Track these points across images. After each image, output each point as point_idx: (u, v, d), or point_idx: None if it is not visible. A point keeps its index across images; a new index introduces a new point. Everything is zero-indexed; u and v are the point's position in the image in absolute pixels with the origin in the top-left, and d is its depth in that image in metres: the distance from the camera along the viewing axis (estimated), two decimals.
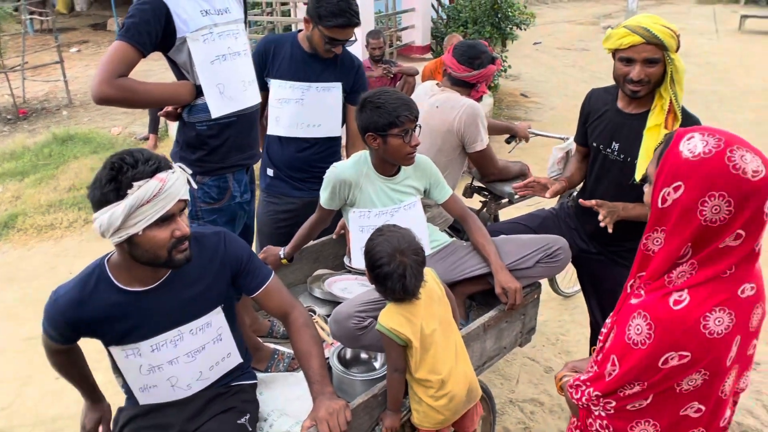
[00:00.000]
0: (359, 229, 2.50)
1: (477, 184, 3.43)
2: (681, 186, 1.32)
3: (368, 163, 2.45)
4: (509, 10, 8.18)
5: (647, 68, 2.33)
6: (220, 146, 2.18)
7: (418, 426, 2.10)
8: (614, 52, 2.42)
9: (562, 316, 4.19)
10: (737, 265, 1.35)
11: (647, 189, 1.46)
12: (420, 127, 2.36)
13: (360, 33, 6.84)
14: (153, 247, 1.69)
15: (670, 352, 1.35)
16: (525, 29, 8.93)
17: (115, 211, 1.60)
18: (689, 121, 2.40)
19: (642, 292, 1.46)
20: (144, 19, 1.97)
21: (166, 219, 1.68)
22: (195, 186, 1.85)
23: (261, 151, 2.97)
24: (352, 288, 2.87)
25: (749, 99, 10.42)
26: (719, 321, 1.33)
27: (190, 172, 1.78)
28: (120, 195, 1.60)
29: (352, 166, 2.44)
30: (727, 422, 1.54)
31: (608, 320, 1.63)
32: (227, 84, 2.14)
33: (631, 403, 1.47)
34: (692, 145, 1.32)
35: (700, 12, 22.56)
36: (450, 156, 2.93)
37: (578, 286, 4.33)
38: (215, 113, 2.12)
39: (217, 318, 1.96)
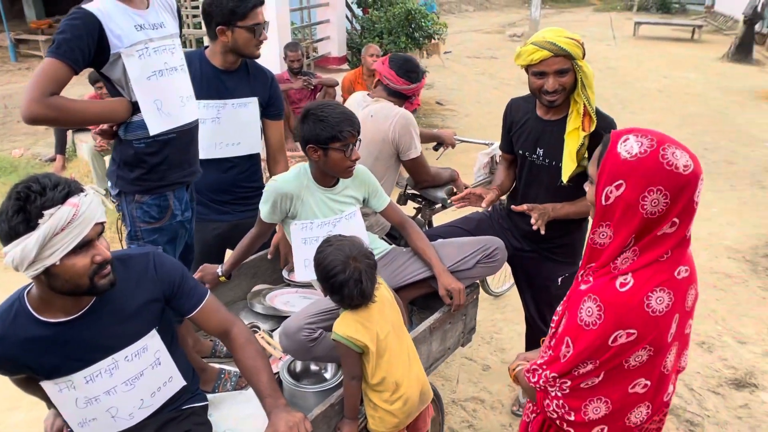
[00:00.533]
0: (302, 241, 2.50)
1: (410, 191, 3.49)
2: (622, 184, 1.43)
3: (308, 175, 2.46)
4: (423, 20, 8.36)
5: (559, 78, 2.48)
6: (159, 164, 2.12)
7: (374, 431, 2.12)
8: (527, 68, 2.55)
9: (494, 315, 4.32)
10: (673, 250, 1.48)
11: (589, 188, 1.57)
12: (360, 141, 2.39)
13: (278, 46, 6.84)
14: (73, 276, 1.61)
15: (619, 331, 1.47)
16: (438, 39, 9.15)
17: (27, 243, 1.50)
18: (605, 121, 2.56)
19: (590, 278, 1.56)
20: (76, 35, 1.90)
21: (84, 245, 1.60)
22: (110, 206, 1.82)
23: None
24: (295, 301, 2.86)
25: (648, 101, 11.12)
26: (660, 300, 1.46)
27: (103, 192, 1.73)
28: (30, 226, 1.51)
29: (293, 179, 2.44)
30: (669, 397, 1.68)
31: (559, 308, 1.73)
32: (165, 100, 2.08)
33: (585, 382, 1.57)
34: (629, 147, 1.43)
35: (597, 20, 23.84)
36: (386, 164, 2.98)
37: (507, 285, 4.52)
38: (153, 130, 2.06)
39: (153, 341, 1.89)
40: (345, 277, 1.96)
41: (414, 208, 3.58)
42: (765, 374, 3.64)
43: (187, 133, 2.20)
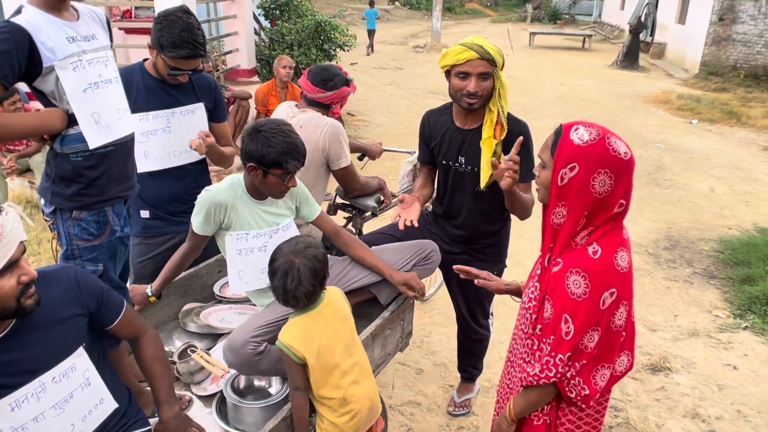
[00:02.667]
0: (237, 252, 2.47)
1: (339, 201, 3.51)
2: (576, 166, 1.65)
3: (242, 186, 2.43)
4: (332, 32, 8.41)
5: (481, 82, 2.58)
6: (98, 178, 2.04)
7: None
8: (450, 69, 2.63)
9: (423, 319, 4.40)
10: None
11: (542, 172, 1.77)
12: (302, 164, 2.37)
13: None
14: (0, 299, 1.55)
15: (605, 292, 1.67)
16: (348, 50, 9.23)
17: None
18: (518, 125, 2.71)
19: (560, 260, 1.73)
20: (5, 50, 1.81)
21: (10, 266, 1.54)
22: (31, 223, 1.75)
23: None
24: (230, 317, 2.81)
25: (547, 107, 11.68)
26: (623, 258, 1.71)
27: (21, 209, 1.66)
28: None
29: (226, 189, 2.40)
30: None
31: (529, 296, 1.88)
32: (102, 113, 2.02)
33: (591, 357, 1.74)
34: (580, 134, 1.66)
35: (495, 30, 24.79)
36: (316, 174, 2.99)
37: (433, 290, 4.62)
38: (93, 144, 1.99)
39: (80, 360, 1.81)
40: (275, 267, 2.01)
41: (344, 218, 3.60)
42: (676, 358, 3.91)
43: (125, 146, 2.13)
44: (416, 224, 2.70)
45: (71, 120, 1.98)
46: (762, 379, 3.71)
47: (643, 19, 17.45)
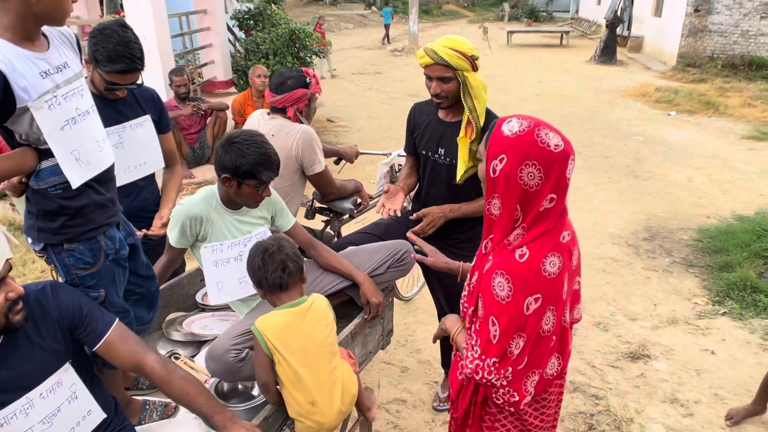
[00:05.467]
0: (213, 264, 2.50)
1: (317, 205, 3.56)
2: (504, 158, 1.65)
3: (216, 197, 2.47)
4: (306, 40, 8.46)
5: (442, 84, 2.69)
6: (83, 207, 1.95)
7: None
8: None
9: (407, 318, 4.46)
10: (556, 220, 1.73)
11: (480, 166, 1.78)
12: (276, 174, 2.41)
13: (161, 72, 6.71)
14: None
15: (528, 298, 1.66)
16: (324, 57, 9.28)
17: None
18: (494, 119, 2.75)
19: (490, 257, 1.75)
20: None
21: None
22: (16, 242, 1.75)
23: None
24: (213, 325, 2.85)
25: (527, 104, 11.78)
26: (553, 264, 1.68)
27: (5, 228, 1.67)
28: None
29: (200, 201, 2.44)
30: (571, 347, 1.96)
31: (465, 291, 1.92)
32: (82, 149, 1.91)
33: (520, 365, 1.74)
34: (511, 126, 1.66)
35: (472, 31, 24.90)
36: (291, 180, 3.03)
37: (416, 290, 4.67)
38: (76, 183, 1.88)
39: (67, 375, 1.84)
40: (254, 251, 2.11)
41: (322, 221, 3.64)
42: (655, 345, 3.98)
43: (107, 173, 2.06)
44: (398, 213, 2.79)
45: (42, 154, 1.87)
46: (739, 363, 3.79)
47: (619, 13, 17.64)
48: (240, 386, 2.48)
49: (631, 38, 19.50)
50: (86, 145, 1.93)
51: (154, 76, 6.61)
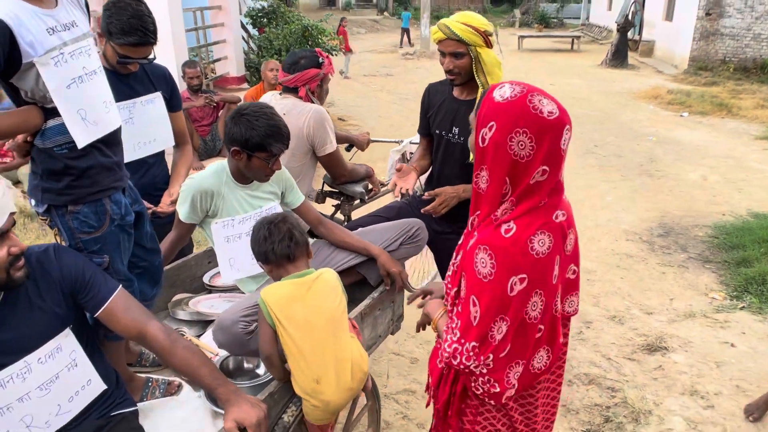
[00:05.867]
0: (225, 239, 2.45)
1: (327, 189, 3.49)
2: (494, 125, 1.52)
3: (227, 172, 2.42)
4: (319, 37, 8.43)
5: (455, 60, 2.65)
6: (89, 168, 1.90)
7: (307, 419, 2.06)
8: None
9: (417, 310, 4.36)
10: (549, 197, 1.57)
11: (470, 136, 1.66)
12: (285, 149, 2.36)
13: (175, 65, 6.69)
14: None
15: (512, 277, 1.52)
16: (335, 55, 9.25)
17: None
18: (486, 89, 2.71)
19: (475, 234, 1.62)
20: None
21: (0, 236, 1.54)
22: (20, 198, 1.69)
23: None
24: (219, 305, 2.78)
25: None
26: (542, 242, 1.53)
27: (9, 182, 1.60)
28: None
29: (211, 175, 2.39)
30: (564, 341, 1.78)
31: (449, 271, 1.78)
32: (89, 108, 1.86)
33: (503, 352, 1.58)
34: (502, 91, 1.53)
35: None
36: (301, 161, 2.97)
37: (426, 282, 4.59)
38: (82, 143, 1.83)
39: (67, 341, 1.78)
40: (258, 225, 2.05)
41: (333, 205, 3.58)
42: (673, 338, 3.88)
43: (114, 135, 2.01)
44: (410, 192, 2.73)
45: (48, 113, 1.84)
46: (760, 355, 3.68)
47: (630, 17, 17.55)
48: (246, 364, 2.41)
49: (642, 42, 19.39)
50: (93, 105, 1.89)
51: (170, 69, 6.58)
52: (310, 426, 2.08)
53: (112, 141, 1.99)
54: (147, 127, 2.85)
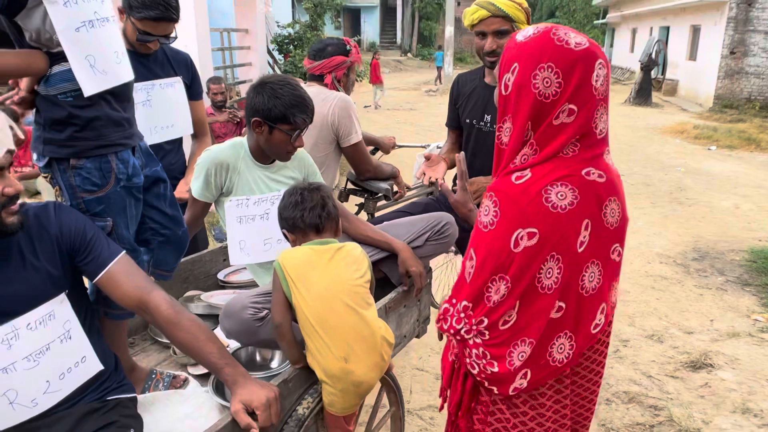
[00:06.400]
0: (237, 220, 2.29)
1: (351, 186, 3.33)
2: (516, 67, 1.35)
3: (245, 148, 2.28)
4: None
5: (498, 40, 2.49)
6: (94, 119, 1.76)
7: (329, 410, 1.84)
8: (472, 28, 2.55)
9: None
10: (579, 145, 1.36)
11: (496, 92, 1.46)
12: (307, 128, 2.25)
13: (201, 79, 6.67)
14: None
15: (518, 229, 1.31)
16: (360, 80, 9.22)
17: None
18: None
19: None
20: None
21: None
22: (20, 135, 1.56)
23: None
24: None
25: None
26: (562, 195, 1.32)
27: (10, 118, 1.48)
28: None
29: (228, 148, 2.25)
30: (599, 329, 1.46)
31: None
32: (98, 56, 1.74)
33: (502, 317, 1.37)
34: (525, 32, 1.38)
35: None
36: (325, 151, 2.82)
37: None
38: (89, 91, 1.71)
39: (61, 309, 1.60)
40: (290, 191, 1.91)
41: (356, 204, 3.41)
42: (719, 355, 3.61)
43: (125, 91, 1.88)
44: (440, 181, 2.56)
45: (54, 58, 1.72)
46: None
47: (654, 56, 17.49)
48: (258, 357, 2.22)
49: (666, 81, 19.29)
50: (103, 54, 1.75)
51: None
52: (331, 419, 1.85)
53: (122, 95, 1.85)
54: (165, 111, 2.75)
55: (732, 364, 3.51)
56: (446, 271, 4.30)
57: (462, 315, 1.37)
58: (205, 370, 2.19)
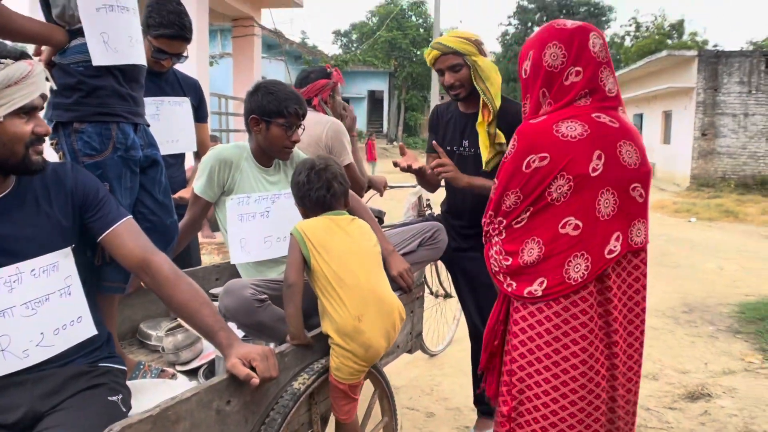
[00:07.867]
0: (238, 218, 2.33)
1: None
2: (530, 53, 1.75)
3: (247, 149, 2.38)
4: None
5: (454, 74, 2.63)
6: (99, 88, 1.87)
7: (335, 378, 1.84)
8: (434, 68, 2.73)
9: (432, 371, 4.06)
10: (591, 98, 1.69)
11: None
12: (304, 128, 2.35)
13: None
14: (12, 139, 1.49)
15: (531, 155, 1.64)
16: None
17: None
18: (512, 105, 2.66)
19: None
20: None
21: (29, 111, 1.51)
22: (53, 84, 1.71)
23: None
24: None
25: None
26: (571, 128, 1.64)
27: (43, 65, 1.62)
28: None
29: (233, 147, 2.36)
30: (614, 255, 1.67)
31: None
32: (112, 35, 1.87)
33: (515, 219, 1.71)
34: (537, 30, 1.80)
35: None
36: None
37: (444, 345, 4.32)
38: (97, 61, 1.83)
39: (65, 262, 1.63)
40: (300, 167, 2.02)
41: None
42: (716, 386, 3.55)
43: (135, 74, 1.98)
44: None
45: (73, 35, 1.87)
46: None
47: None
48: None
49: None
50: (117, 35, 1.90)
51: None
52: (336, 390, 1.85)
53: (130, 75, 1.96)
54: (171, 127, 2.89)
55: (730, 393, 3.45)
56: (435, 315, 4.25)
57: (488, 220, 1.79)
58: (193, 365, 2.14)
